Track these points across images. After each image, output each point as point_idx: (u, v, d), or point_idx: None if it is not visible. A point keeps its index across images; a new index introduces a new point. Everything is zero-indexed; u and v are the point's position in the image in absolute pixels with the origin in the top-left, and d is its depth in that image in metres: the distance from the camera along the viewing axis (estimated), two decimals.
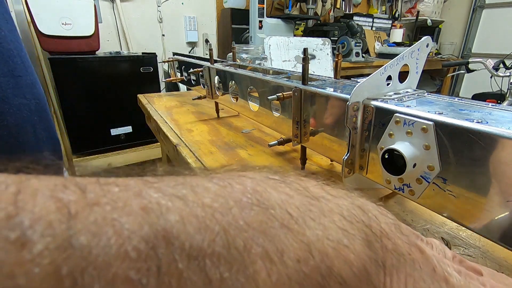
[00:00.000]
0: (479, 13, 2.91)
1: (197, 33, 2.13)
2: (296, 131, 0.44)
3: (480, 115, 0.26)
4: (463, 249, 0.32)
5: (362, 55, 2.19)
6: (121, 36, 1.87)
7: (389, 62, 0.33)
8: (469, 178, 0.25)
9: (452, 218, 0.27)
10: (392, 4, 3.07)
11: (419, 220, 0.37)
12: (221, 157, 0.54)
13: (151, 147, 1.66)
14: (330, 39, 1.87)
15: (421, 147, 0.27)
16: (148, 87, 1.56)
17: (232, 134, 0.66)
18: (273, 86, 0.48)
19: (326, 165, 0.52)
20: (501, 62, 1.49)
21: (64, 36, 1.40)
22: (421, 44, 0.35)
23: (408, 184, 0.29)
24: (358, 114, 0.33)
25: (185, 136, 0.66)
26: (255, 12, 1.85)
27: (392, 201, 0.41)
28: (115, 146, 1.56)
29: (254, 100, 0.55)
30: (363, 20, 2.61)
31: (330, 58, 1.81)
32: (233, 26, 2.03)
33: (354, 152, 0.35)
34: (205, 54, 2.21)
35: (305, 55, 0.40)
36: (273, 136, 0.66)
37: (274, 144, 0.46)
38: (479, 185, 0.24)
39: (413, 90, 0.36)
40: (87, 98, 1.44)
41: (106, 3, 1.78)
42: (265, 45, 1.61)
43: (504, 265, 0.29)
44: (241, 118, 0.78)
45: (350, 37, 2.15)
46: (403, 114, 0.28)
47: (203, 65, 0.71)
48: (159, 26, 2.00)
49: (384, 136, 0.31)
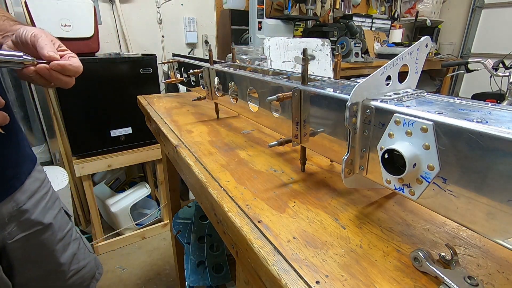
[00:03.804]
0: (478, 13, 2.91)
1: (196, 34, 2.13)
2: (296, 131, 0.44)
3: (479, 114, 0.26)
4: (464, 249, 0.32)
5: (362, 56, 2.19)
6: (121, 38, 1.87)
7: (389, 62, 0.33)
8: (469, 177, 0.25)
9: (452, 218, 0.27)
10: (391, 4, 3.07)
11: (419, 220, 0.37)
12: (221, 157, 0.54)
13: (151, 148, 1.66)
14: (329, 40, 1.87)
15: (421, 147, 0.27)
16: (148, 88, 1.55)
17: (232, 135, 0.66)
18: (273, 87, 0.48)
19: (326, 165, 0.52)
20: (500, 62, 1.49)
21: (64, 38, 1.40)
22: (421, 44, 0.35)
23: (408, 184, 0.29)
24: (358, 114, 0.33)
25: (185, 137, 0.65)
26: (255, 13, 1.85)
27: (392, 201, 0.41)
28: (115, 147, 1.56)
29: (254, 100, 0.55)
30: (362, 20, 2.61)
31: (329, 58, 1.81)
32: (233, 27, 2.03)
33: (354, 152, 0.35)
34: (204, 55, 2.21)
35: (305, 55, 0.40)
36: (273, 136, 0.66)
37: (274, 145, 0.46)
38: (479, 185, 0.24)
39: (413, 90, 0.36)
40: (87, 100, 1.44)
41: (105, 5, 1.78)
42: (265, 46, 1.61)
43: (504, 265, 0.29)
44: (241, 119, 0.78)
45: (349, 38, 2.15)
46: (403, 114, 0.28)
47: (203, 66, 0.71)
48: (159, 27, 2.00)
49: (384, 136, 0.31)
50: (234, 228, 0.36)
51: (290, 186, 0.45)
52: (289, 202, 0.40)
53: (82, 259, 0.76)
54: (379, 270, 0.29)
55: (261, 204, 0.40)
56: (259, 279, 0.33)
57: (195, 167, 0.51)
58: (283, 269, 0.29)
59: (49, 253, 0.67)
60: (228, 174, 0.48)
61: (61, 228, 0.70)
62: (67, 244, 0.71)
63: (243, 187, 0.44)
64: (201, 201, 0.50)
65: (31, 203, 0.62)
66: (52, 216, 0.67)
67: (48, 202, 0.67)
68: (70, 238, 0.73)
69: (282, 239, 0.33)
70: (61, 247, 0.69)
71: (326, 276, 0.28)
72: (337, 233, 0.34)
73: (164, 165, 1.05)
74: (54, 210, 0.69)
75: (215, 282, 0.86)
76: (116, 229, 1.75)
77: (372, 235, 0.34)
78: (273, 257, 0.31)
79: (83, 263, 0.76)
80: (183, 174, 0.60)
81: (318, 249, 0.32)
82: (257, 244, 0.32)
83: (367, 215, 0.38)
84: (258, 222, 0.36)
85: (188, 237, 1.00)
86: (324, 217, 0.37)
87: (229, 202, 0.40)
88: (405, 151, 0.27)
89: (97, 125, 1.48)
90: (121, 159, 1.58)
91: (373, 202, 0.41)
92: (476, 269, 0.29)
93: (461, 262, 0.29)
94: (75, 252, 0.73)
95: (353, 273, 0.29)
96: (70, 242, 0.72)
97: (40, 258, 0.66)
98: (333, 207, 0.39)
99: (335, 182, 0.46)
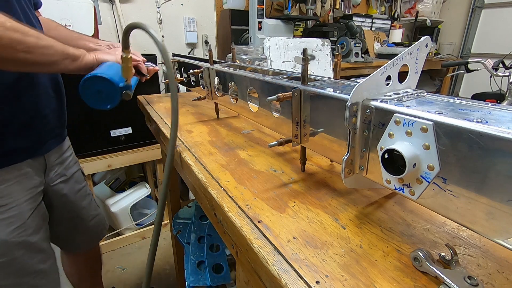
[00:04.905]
0: (478, 13, 2.91)
1: (196, 34, 2.13)
2: (296, 131, 0.44)
3: (479, 114, 0.26)
4: (464, 249, 0.32)
5: (362, 56, 2.19)
6: (121, 38, 1.88)
7: (389, 62, 0.33)
8: (469, 177, 0.24)
9: (452, 218, 0.27)
10: (391, 4, 3.07)
11: (419, 220, 0.37)
12: (221, 157, 0.54)
13: (151, 148, 1.65)
14: (329, 40, 1.87)
15: (421, 147, 0.27)
16: (148, 88, 1.55)
17: (231, 135, 0.66)
18: (273, 87, 0.48)
19: (326, 165, 0.52)
20: (500, 62, 1.49)
21: None
22: (421, 44, 0.35)
23: (408, 184, 0.29)
24: (358, 114, 0.33)
25: (185, 137, 0.65)
26: (255, 13, 1.85)
27: (392, 201, 0.41)
28: (115, 147, 1.56)
29: (254, 100, 0.55)
30: (362, 20, 2.61)
31: (329, 58, 1.81)
32: (233, 27, 2.03)
33: (354, 152, 0.35)
34: (204, 55, 2.21)
35: (305, 55, 0.40)
36: (273, 136, 0.65)
37: (274, 145, 0.46)
38: (479, 185, 0.24)
39: (413, 90, 0.36)
40: None
41: (105, 5, 1.78)
42: (265, 46, 1.61)
43: (504, 265, 0.29)
44: (241, 119, 0.78)
45: (349, 38, 2.15)
46: (403, 114, 0.28)
47: (203, 66, 0.71)
48: (159, 27, 2.00)
49: (384, 136, 0.31)
50: (234, 228, 0.36)
51: (290, 186, 0.45)
52: (289, 202, 0.40)
53: (95, 209, 0.99)
54: (379, 270, 0.29)
55: (261, 204, 0.40)
56: (259, 279, 0.33)
57: (195, 167, 0.51)
58: (283, 269, 0.29)
59: (72, 200, 0.87)
60: (228, 174, 0.48)
61: (78, 182, 0.91)
62: (84, 196, 0.93)
63: (243, 187, 0.44)
64: (201, 201, 0.50)
65: (65, 156, 0.85)
66: (74, 171, 0.89)
67: (72, 161, 0.90)
68: (86, 192, 0.94)
69: (282, 239, 0.33)
70: (80, 196, 0.90)
71: (326, 276, 0.28)
72: (337, 233, 0.34)
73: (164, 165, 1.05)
74: (76, 168, 0.91)
75: (215, 282, 0.86)
76: (116, 229, 1.75)
77: (372, 235, 0.34)
78: (273, 257, 0.31)
79: (96, 212, 0.99)
80: (183, 174, 0.60)
81: (318, 249, 0.32)
82: (257, 244, 0.32)
83: (367, 215, 0.38)
84: (258, 222, 0.36)
85: (188, 237, 1.00)
86: (324, 217, 0.37)
87: (229, 202, 0.40)
88: (405, 151, 0.27)
89: (97, 125, 1.48)
90: (121, 159, 1.58)
91: (373, 202, 0.41)
92: (476, 269, 0.29)
93: (461, 262, 0.29)
94: (90, 202, 0.96)
95: (353, 273, 0.29)
96: (86, 195, 0.94)
97: (66, 203, 0.86)
98: (333, 207, 0.39)
99: (335, 182, 0.46)
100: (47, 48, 0.58)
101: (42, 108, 0.71)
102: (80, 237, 0.96)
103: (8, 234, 0.65)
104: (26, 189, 0.70)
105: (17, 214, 0.67)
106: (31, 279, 0.70)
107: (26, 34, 0.53)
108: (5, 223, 0.65)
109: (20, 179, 0.69)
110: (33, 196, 0.72)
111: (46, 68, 0.61)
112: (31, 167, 0.71)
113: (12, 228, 0.66)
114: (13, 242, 0.66)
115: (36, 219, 0.72)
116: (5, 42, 0.50)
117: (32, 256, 0.70)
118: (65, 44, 0.63)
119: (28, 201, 0.70)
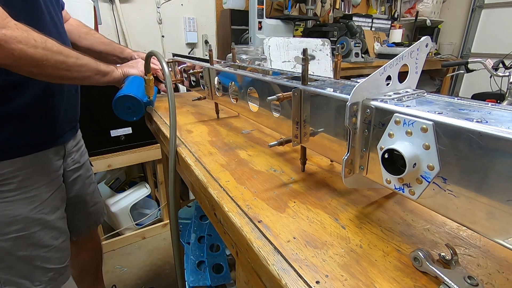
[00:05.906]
0: (478, 13, 2.91)
1: (196, 34, 2.13)
2: (296, 131, 0.44)
3: (479, 114, 0.26)
4: (464, 249, 0.32)
5: (362, 56, 2.19)
6: (121, 38, 1.88)
7: (389, 62, 0.33)
8: (469, 177, 0.24)
9: (452, 217, 0.27)
10: (391, 4, 3.07)
11: (419, 220, 0.37)
12: (221, 157, 0.54)
13: (151, 148, 1.65)
14: (329, 40, 1.87)
15: (421, 146, 0.27)
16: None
17: (232, 135, 0.66)
18: (273, 87, 0.48)
19: (326, 165, 0.52)
20: (500, 62, 1.49)
21: None
22: (421, 44, 0.35)
23: (408, 184, 0.29)
24: (358, 114, 0.33)
25: (185, 137, 0.66)
26: (255, 13, 1.85)
27: (392, 201, 0.41)
28: (115, 147, 1.56)
29: (254, 100, 0.55)
30: (362, 20, 2.61)
31: (329, 58, 1.81)
32: (233, 27, 2.03)
33: (354, 152, 0.35)
34: (204, 55, 2.21)
35: (305, 55, 0.40)
36: (273, 136, 0.65)
37: (274, 145, 0.46)
38: (479, 185, 0.24)
39: (413, 90, 0.36)
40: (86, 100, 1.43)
41: (105, 5, 1.78)
42: (265, 46, 1.61)
43: (504, 265, 0.29)
44: (241, 119, 0.78)
45: (349, 38, 2.15)
46: (403, 114, 0.28)
47: (203, 66, 0.71)
48: (159, 27, 2.00)
49: (384, 136, 0.31)
50: (234, 228, 0.36)
51: (290, 186, 0.45)
52: (289, 202, 0.40)
53: (97, 197, 1.08)
54: (379, 270, 0.29)
55: (261, 204, 0.40)
56: (259, 279, 0.33)
57: (195, 167, 0.51)
58: (283, 269, 0.29)
59: (81, 186, 0.96)
60: (228, 174, 0.48)
61: (88, 170, 1.01)
62: (90, 183, 1.02)
63: (243, 187, 0.44)
64: (201, 201, 0.50)
65: (79, 145, 0.96)
66: (85, 159, 1.00)
67: (83, 150, 1.00)
68: (92, 179, 1.04)
69: (282, 239, 0.33)
70: (87, 183, 1.00)
71: (326, 276, 0.28)
72: (337, 233, 0.34)
73: (164, 165, 1.05)
74: (86, 156, 1.02)
75: (215, 282, 0.86)
76: (116, 229, 1.75)
77: (372, 235, 0.34)
78: (273, 257, 0.31)
79: (98, 200, 1.08)
80: (183, 174, 0.60)
81: (318, 249, 0.32)
82: (257, 244, 0.32)
83: (367, 215, 0.38)
84: (258, 222, 0.36)
85: (188, 237, 1.00)
86: (324, 217, 0.37)
87: (229, 202, 0.40)
88: (405, 151, 0.27)
89: (97, 125, 1.48)
90: (121, 159, 1.58)
91: (373, 202, 0.41)
92: (476, 269, 0.29)
93: (461, 262, 0.29)
94: (94, 190, 1.05)
95: (353, 273, 0.29)
96: (92, 183, 1.03)
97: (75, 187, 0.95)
98: (333, 207, 0.39)
99: (335, 182, 0.46)
100: (83, 66, 0.68)
101: (66, 105, 0.82)
102: (79, 221, 1.03)
103: (29, 211, 0.75)
104: (48, 173, 0.79)
105: (38, 194, 0.76)
106: (45, 252, 0.80)
107: (68, 56, 0.64)
108: (27, 202, 0.74)
109: (43, 164, 0.78)
110: (53, 179, 0.81)
111: (79, 81, 0.71)
112: (53, 154, 0.81)
113: (33, 206, 0.75)
114: (33, 218, 0.75)
115: (54, 200, 0.81)
116: (51, 63, 0.60)
117: (47, 232, 0.80)
118: (98, 61, 0.74)
119: (48, 183, 0.79)
